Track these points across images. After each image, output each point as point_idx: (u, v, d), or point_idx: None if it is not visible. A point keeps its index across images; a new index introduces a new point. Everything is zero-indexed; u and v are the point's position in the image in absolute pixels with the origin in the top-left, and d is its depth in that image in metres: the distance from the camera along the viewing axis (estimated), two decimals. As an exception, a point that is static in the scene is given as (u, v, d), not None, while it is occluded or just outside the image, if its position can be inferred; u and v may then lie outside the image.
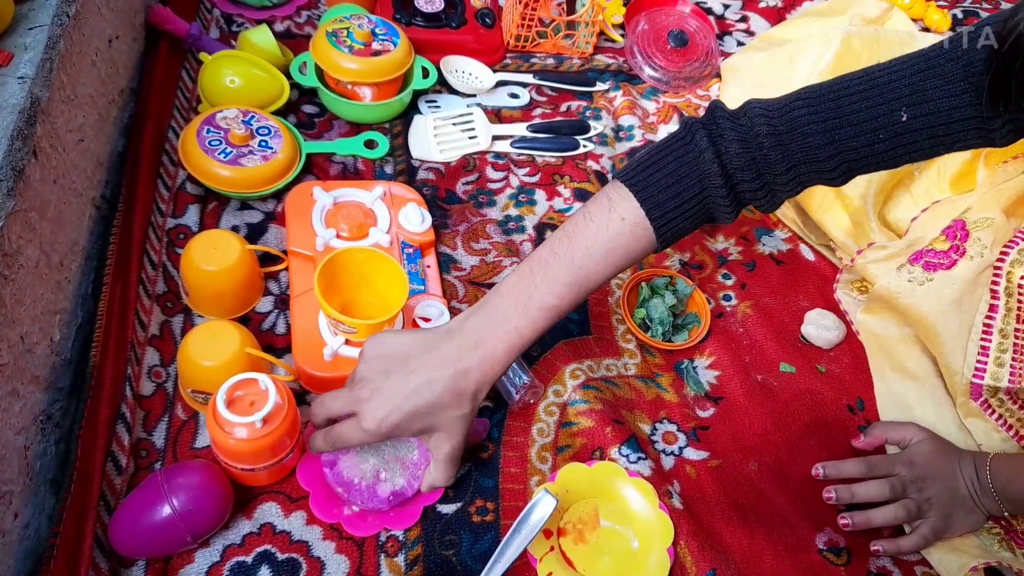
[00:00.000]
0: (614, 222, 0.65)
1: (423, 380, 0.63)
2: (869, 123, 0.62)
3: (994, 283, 0.75)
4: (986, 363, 0.76)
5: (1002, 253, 0.76)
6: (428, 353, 0.64)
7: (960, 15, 1.30)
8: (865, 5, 1.17)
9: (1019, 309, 0.75)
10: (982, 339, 0.76)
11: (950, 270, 0.78)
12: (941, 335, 0.79)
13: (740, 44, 1.19)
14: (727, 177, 0.65)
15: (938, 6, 1.27)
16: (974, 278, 0.77)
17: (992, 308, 0.76)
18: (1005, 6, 1.33)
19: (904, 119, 0.61)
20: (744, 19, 1.23)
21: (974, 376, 0.77)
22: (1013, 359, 0.75)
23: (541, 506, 0.65)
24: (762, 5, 1.25)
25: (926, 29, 1.26)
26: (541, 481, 0.74)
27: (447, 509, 0.71)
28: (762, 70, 1.04)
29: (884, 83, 0.62)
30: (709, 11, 1.22)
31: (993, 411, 0.78)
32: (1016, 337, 0.75)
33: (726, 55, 1.14)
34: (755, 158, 0.65)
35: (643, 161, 0.67)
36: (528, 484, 0.74)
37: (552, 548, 0.69)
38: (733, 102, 1.04)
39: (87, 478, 0.66)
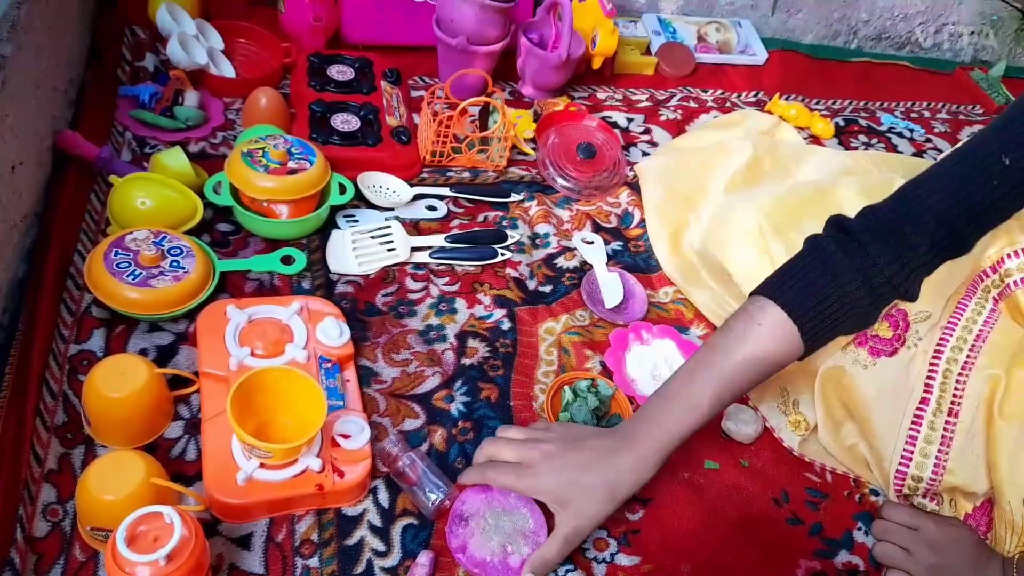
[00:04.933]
0: (752, 328, 0.71)
1: (585, 459, 0.71)
2: (982, 176, 0.69)
3: (930, 376, 0.78)
4: (912, 453, 0.79)
5: (938, 348, 0.79)
6: (598, 439, 0.73)
7: (842, 123, 1.41)
8: (756, 119, 1.27)
9: (952, 403, 0.78)
10: (911, 429, 0.79)
11: (891, 357, 0.82)
12: (875, 419, 0.81)
13: (645, 154, 1.26)
14: (861, 270, 0.71)
15: (821, 115, 1.39)
16: (907, 367, 0.80)
17: (924, 400, 0.78)
18: (879, 114, 1.46)
19: (1007, 163, 0.69)
20: (647, 131, 1.31)
21: (900, 464, 0.79)
22: (939, 452, 0.78)
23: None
24: (663, 118, 1.33)
25: (813, 136, 1.36)
26: (471, 601, 0.71)
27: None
28: (675, 171, 1.11)
29: (975, 147, 0.72)
30: (614, 124, 1.30)
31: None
32: (945, 431, 0.78)
33: (632, 164, 1.20)
34: (887, 232, 0.71)
35: (775, 275, 0.74)
36: (457, 605, 0.71)
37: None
38: (653, 198, 1.11)
39: (-34, 637, 0.60)
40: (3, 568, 0.64)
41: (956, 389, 0.78)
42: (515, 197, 1.13)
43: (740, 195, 1.01)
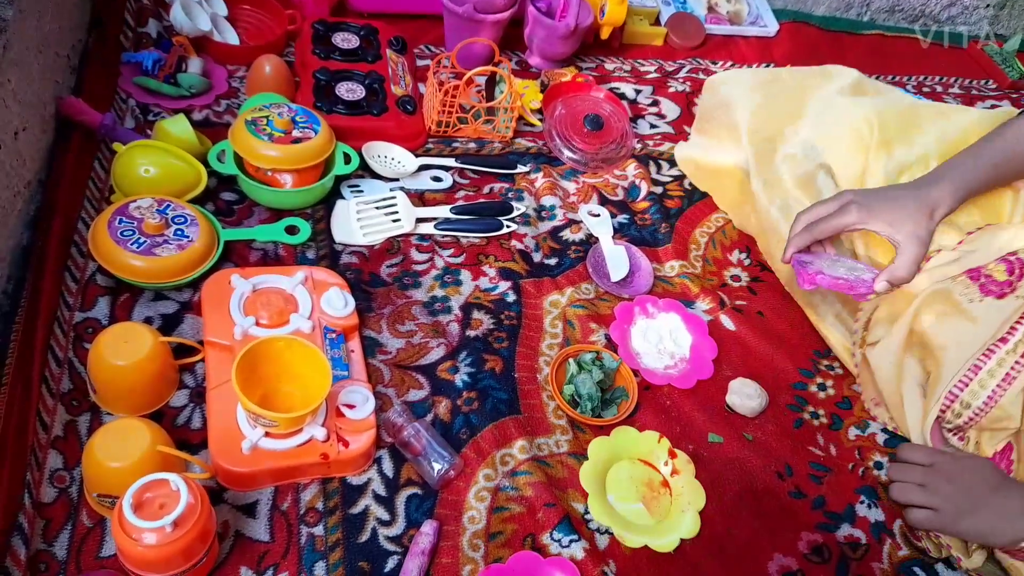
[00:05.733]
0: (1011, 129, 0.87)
1: (899, 192, 0.85)
2: None
3: (1019, 321, 0.78)
4: (970, 381, 0.80)
5: None
6: (906, 186, 0.87)
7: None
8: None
9: None
10: (978, 359, 0.79)
11: (998, 299, 0.82)
12: (952, 351, 0.82)
13: (653, 127, 1.24)
14: None
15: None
16: (1007, 312, 0.80)
17: (1003, 339, 0.79)
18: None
19: None
20: (655, 103, 1.29)
21: (955, 386, 0.80)
22: (996, 387, 0.79)
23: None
24: (671, 90, 1.32)
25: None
26: (474, 571, 0.72)
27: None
28: (772, 87, 1.06)
29: None
30: (622, 96, 1.28)
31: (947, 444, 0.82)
32: (1012, 369, 0.78)
33: (639, 137, 1.19)
34: None
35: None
36: (460, 574, 0.71)
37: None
38: (747, 104, 1.04)
39: (-25, 600, 0.61)
40: (12, 533, 0.65)
41: None
42: (521, 169, 1.12)
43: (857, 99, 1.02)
